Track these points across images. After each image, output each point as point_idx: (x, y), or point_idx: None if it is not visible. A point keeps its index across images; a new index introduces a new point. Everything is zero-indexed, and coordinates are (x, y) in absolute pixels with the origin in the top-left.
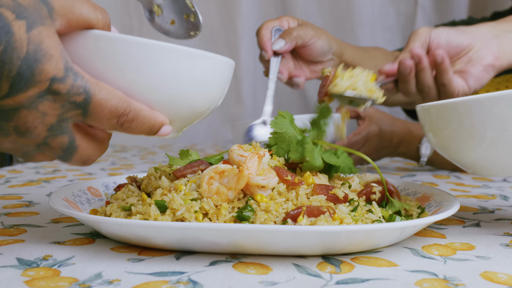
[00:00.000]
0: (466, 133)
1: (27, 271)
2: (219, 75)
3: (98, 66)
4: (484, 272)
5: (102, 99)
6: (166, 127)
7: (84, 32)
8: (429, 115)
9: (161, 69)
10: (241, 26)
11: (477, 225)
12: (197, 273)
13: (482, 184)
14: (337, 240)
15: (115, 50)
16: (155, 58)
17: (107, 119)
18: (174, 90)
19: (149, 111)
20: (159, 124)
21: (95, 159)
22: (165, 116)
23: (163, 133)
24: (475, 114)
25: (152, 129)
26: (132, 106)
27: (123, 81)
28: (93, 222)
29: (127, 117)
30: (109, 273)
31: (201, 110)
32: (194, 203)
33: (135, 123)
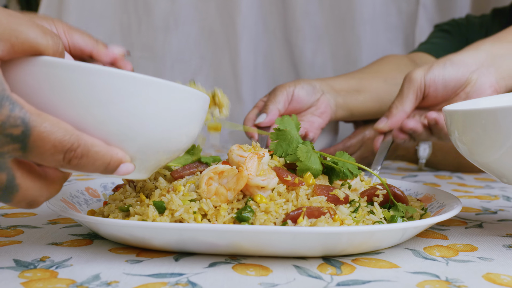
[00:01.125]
0: (489, 139)
1: (24, 273)
2: (190, 110)
3: (45, 96)
4: (486, 274)
5: (44, 131)
6: (125, 165)
7: (30, 58)
8: (455, 120)
9: (116, 99)
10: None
11: (479, 226)
12: (196, 274)
13: (484, 184)
14: (337, 242)
15: (63, 79)
16: (111, 88)
17: (51, 154)
18: (134, 124)
19: (103, 146)
20: (115, 161)
21: (43, 201)
22: (123, 153)
23: (121, 172)
24: (500, 121)
25: (108, 167)
26: (82, 141)
27: (73, 113)
28: (91, 223)
29: (75, 152)
30: (107, 274)
31: (171, 148)
32: (193, 204)
33: (85, 159)
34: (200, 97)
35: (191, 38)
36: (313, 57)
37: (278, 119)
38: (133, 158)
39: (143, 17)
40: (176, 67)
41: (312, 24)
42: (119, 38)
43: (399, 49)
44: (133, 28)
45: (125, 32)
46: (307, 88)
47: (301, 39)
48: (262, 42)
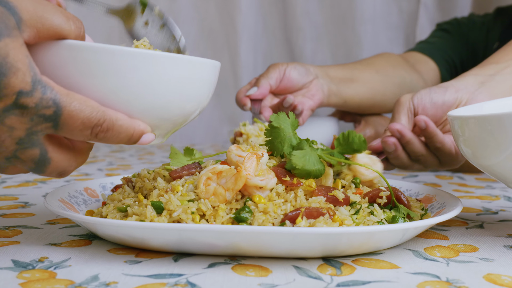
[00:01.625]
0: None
1: (22, 273)
2: (202, 78)
3: (71, 77)
4: (487, 274)
5: (73, 110)
6: (147, 135)
7: (55, 42)
8: (460, 124)
9: (136, 76)
10: (240, 25)
11: (480, 226)
12: (195, 275)
13: (485, 184)
14: (337, 242)
15: (87, 59)
16: (130, 66)
17: (80, 130)
18: (154, 98)
19: (127, 120)
20: (138, 133)
21: (72, 170)
22: (145, 124)
23: (144, 142)
24: (506, 126)
25: (131, 138)
26: (107, 116)
27: (98, 91)
28: (89, 224)
29: (101, 127)
30: (106, 275)
31: (185, 115)
32: (191, 204)
33: (110, 133)
34: (211, 65)
35: (191, 38)
36: (313, 56)
37: (273, 116)
38: (153, 127)
39: None
40: None
41: (312, 24)
42: (117, 38)
43: (399, 49)
44: None
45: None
46: (300, 69)
47: (301, 39)
48: (262, 41)
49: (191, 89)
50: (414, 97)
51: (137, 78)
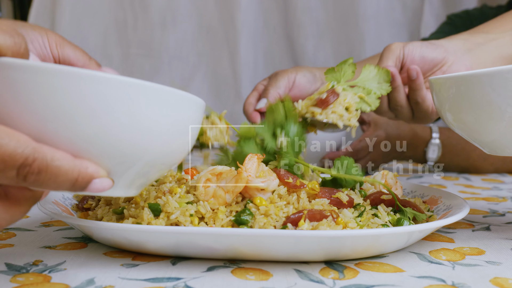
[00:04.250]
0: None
1: (16, 277)
2: (182, 115)
3: (1, 103)
4: (494, 278)
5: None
6: (100, 181)
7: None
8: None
9: (88, 106)
10: (240, 22)
11: (487, 228)
12: (194, 279)
13: (492, 186)
14: (340, 246)
15: (19, 82)
16: (79, 91)
17: (1, 170)
18: (109, 133)
19: (68, 159)
20: (85, 176)
21: (4, 225)
22: (96, 166)
23: (96, 189)
24: (497, 87)
25: (76, 183)
26: (38, 153)
27: (32, 122)
28: (83, 227)
29: (30, 167)
30: (102, 279)
31: (161, 160)
32: (190, 206)
33: (44, 175)
34: (196, 102)
35: (189, 35)
36: (315, 54)
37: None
38: (111, 172)
39: (139, 13)
40: (174, 64)
41: (314, 20)
42: (114, 34)
43: None
44: (129, 24)
45: (121, 29)
46: (309, 76)
47: (302, 36)
48: (262, 38)
49: (165, 126)
50: (405, 46)
51: (88, 108)
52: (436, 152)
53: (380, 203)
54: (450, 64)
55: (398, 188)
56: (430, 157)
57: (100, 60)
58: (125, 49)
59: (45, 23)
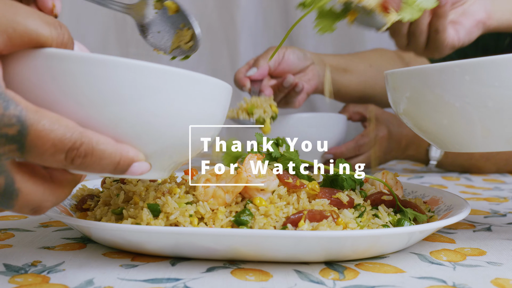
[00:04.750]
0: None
1: (14, 278)
2: (215, 101)
3: (47, 91)
4: (495, 279)
5: (42, 130)
6: (139, 164)
7: (30, 51)
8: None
9: (129, 93)
10: (240, 21)
11: (488, 229)
12: (193, 279)
13: (493, 186)
14: (341, 247)
15: (65, 71)
16: (123, 80)
17: (51, 154)
18: (149, 120)
19: (111, 144)
20: (126, 160)
21: (50, 206)
22: (136, 150)
23: (135, 172)
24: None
25: (118, 166)
26: (85, 138)
27: (78, 110)
28: (82, 227)
29: (77, 151)
30: (101, 279)
31: (194, 143)
32: (189, 207)
33: (90, 158)
34: (223, 87)
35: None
36: None
37: None
38: (149, 156)
39: None
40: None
41: None
42: (113, 33)
43: None
44: (128, 23)
45: (120, 28)
46: (298, 54)
47: (302, 35)
48: (262, 38)
49: (198, 113)
50: None
51: (130, 96)
52: (438, 151)
53: (380, 204)
54: (471, 2)
55: (398, 189)
56: (433, 156)
57: None
58: (124, 49)
59: None
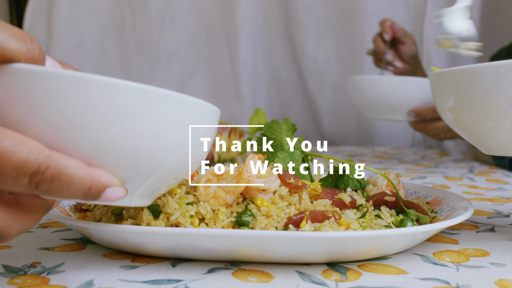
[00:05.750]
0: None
1: (14, 279)
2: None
3: (12, 109)
4: (499, 280)
5: (3, 152)
6: (113, 190)
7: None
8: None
9: (103, 114)
10: (240, 20)
11: (491, 230)
12: (194, 281)
13: (496, 186)
14: (343, 247)
15: (34, 88)
16: (96, 99)
17: (13, 178)
18: (125, 142)
19: (82, 168)
20: (98, 185)
21: (15, 234)
22: (109, 175)
23: (109, 198)
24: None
25: (89, 192)
26: (52, 161)
27: (46, 130)
28: (81, 228)
29: (42, 175)
30: (101, 281)
31: (171, 170)
32: (190, 207)
33: (56, 183)
34: (209, 109)
35: (188, 33)
36: (316, 52)
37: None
38: (125, 181)
39: (137, 10)
40: (172, 63)
41: (315, 18)
42: (112, 33)
43: None
44: (127, 22)
45: (119, 27)
46: None
47: (303, 34)
48: (262, 37)
49: (177, 136)
50: None
51: (103, 117)
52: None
53: (383, 204)
54: None
55: (401, 189)
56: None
57: (97, 59)
58: (123, 48)
59: (41, 22)
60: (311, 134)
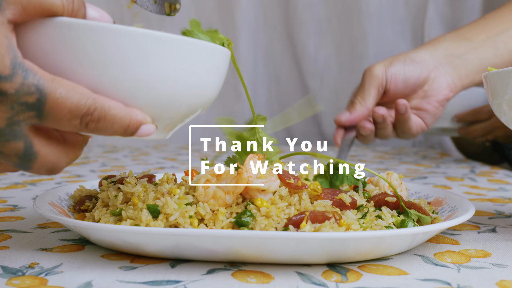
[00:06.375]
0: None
1: (12, 280)
2: (214, 67)
3: (60, 60)
4: (500, 281)
5: (59, 98)
6: (147, 126)
7: (43, 20)
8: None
9: (137, 61)
10: (240, 19)
11: (493, 230)
12: (193, 282)
13: (498, 187)
14: (344, 248)
15: (78, 40)
16: (130, 48)
17: (68, 120)
18: (156, 86)
19: (122, 108)
20: (135, 123)
21: (63, 167)
22: (144, 114)
23: (143, 133)
24: None
25: (128, 129)
26: (98, 104)
27: (90, 76)
28: (80, 228)
29: (92, 116)
30: (99, 282)
31: (192, 108)
32: (189, 208)
33: (103, 123)
34: (223, 52)
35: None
36: (316, 52)
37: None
38: (154, 118)
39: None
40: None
41: (315, 17)
42: None
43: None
44: (126, 21)
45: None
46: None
47: (303, 33)
48: (262, 36)
49: (200, 78)
50: (388, 70)
51: (137, 63)
52: None
53: (384, 205)
54: (431, 81)
55: (403, 190)
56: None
57: None
58: None
59: None
60: (311, 134)
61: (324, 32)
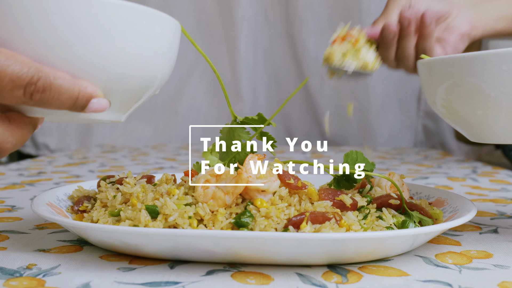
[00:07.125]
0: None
1: (9, 281)
2: (165, 37)
3: (2, 29)
4: (502, 282)
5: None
6: (98, 100)
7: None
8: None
9: (81, 27)
10: (240, 18)
11: (494, 231)
12: (192, 283)
13: (500, 187)
14: (344, 249)
15: (19, 8)
16: (74, 14)
17: (10, 90)
18: (103, 54)
19: (69, 79)
20: (84, 95)
21: (10, 148)
22: (93, 86)
23: (95, 108)
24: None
25: (77, 102)
26: (42, 73)
27: (32, 45)
28: (78, 229)
29: (35, 86)
30: (97, 283)
31: (146, 82)
32: (188, 208)
33: (48, 93)
34: (171, 22)
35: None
36: (317, 51)
37: None
38: (105, 92)
39: None
40: None
41: (316, 16)
42: None
43: None
44: None
45: None
46: None
47: (304, 32)
48: (262, 35)
49: (149, 47)
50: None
51: (82, 29)
52: None
53: (387, 207)
54: (454, 17)
55: (404, 191)
56: None
57: None
58: None
59: None
60: (312, 134)
61: (324, 31)
